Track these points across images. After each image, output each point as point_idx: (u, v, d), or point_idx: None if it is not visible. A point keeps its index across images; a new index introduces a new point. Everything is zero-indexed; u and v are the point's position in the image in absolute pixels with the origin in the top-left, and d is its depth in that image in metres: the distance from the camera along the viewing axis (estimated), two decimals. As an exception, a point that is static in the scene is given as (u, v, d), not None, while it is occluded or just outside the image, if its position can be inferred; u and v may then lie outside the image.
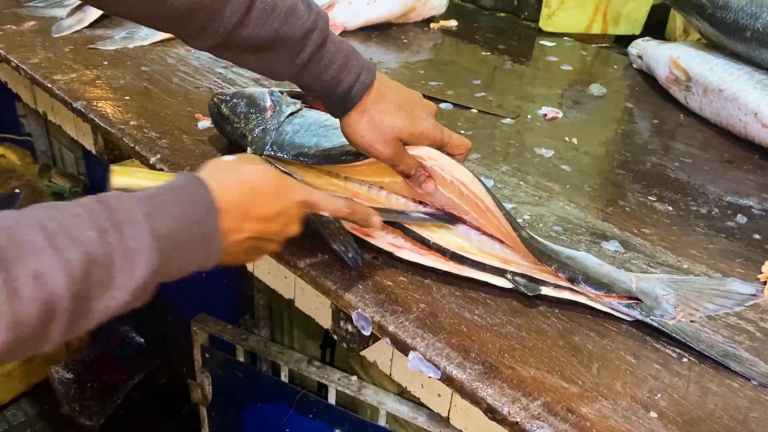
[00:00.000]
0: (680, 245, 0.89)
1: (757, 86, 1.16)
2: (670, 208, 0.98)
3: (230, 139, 1.01)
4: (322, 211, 0.71)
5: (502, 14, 1.94)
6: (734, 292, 0.78)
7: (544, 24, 1.77)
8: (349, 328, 0.80)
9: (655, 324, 0.72)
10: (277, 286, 1.18)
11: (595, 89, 1.40)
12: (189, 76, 1.31)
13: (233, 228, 0.62)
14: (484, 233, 0.81)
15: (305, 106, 0.98)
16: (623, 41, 1.75)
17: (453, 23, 1.80)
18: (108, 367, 2.07)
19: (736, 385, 0.67)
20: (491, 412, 0.63)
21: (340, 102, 0.79)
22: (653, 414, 0.62)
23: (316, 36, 0.76)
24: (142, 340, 2.12)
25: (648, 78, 1.48)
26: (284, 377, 1.22)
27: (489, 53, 1.62)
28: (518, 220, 0.91)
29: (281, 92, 1.02)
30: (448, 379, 0.66)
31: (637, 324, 0.73)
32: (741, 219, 0.97)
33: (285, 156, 0.88)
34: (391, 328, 0.71)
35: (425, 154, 0.79)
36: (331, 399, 1.16)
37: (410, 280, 0.78)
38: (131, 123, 1.09)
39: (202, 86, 1.27)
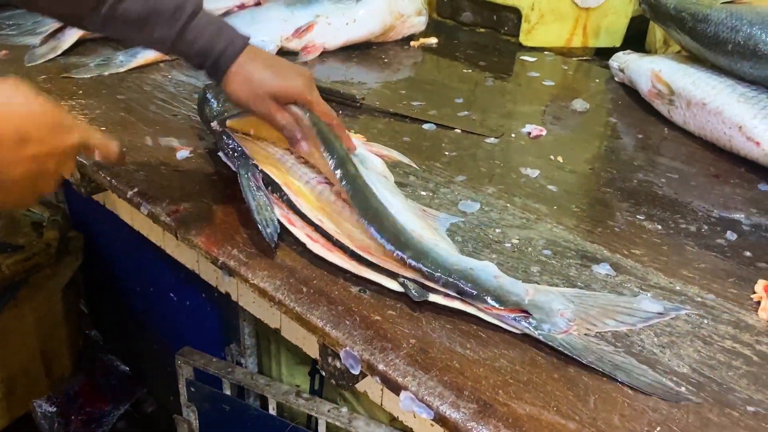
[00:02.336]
0: (671, 266, 0.88)
1: (740, 99, 1.15)
2: (660, 227, 0.97)
3: (208, 121, 1.06)
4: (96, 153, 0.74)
5: (482, 30, 1.93)
6: (640, 310, 0.77)
7: (524, 39, 1.76)
8: (338, 364, 0.78)
9: (540, 337, 0.71)
10: (263, 315, 1.16)
11: (578, 105, 1.39)
12: (166, 103, 1.28)
13: (7, 160, 0.62)
14: None
15: None
16: (604, 53, 1.75)
17: (433, 41, 1.79)
18: (92, 397, 2.02)
19: (736, 414, 0.65)
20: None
21: (216, 64, 0.89)
22: (654, 450, 0.60)
23: (188, 8, 0.87)
24: (127, 368, 2.07)
25: (630, 91, 1.48)
26: (272, 410, 1.19)
27: (470, 70, 1.61)
28: (506, 244, 0.90)
29: None
30: (441, 420, 0.64)
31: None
32: (731, 236, 0.96)
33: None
34: (381, 367, 0.68)
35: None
36: (321, 431, 1.13)
37: (399, 313, 0.75)
38: (107, 155, 1.06)
39: (180, 114, 1.24)
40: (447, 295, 0.75)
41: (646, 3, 1.41)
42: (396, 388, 0.67)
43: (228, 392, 1.26)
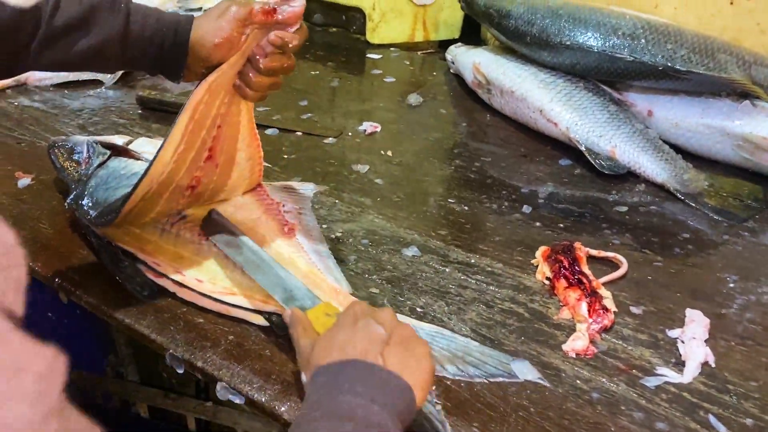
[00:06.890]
0: (471, 242, 1.00)
1: (540, 85, 1.30)
2: (466, 208, 1.10)
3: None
4: None
5: (334, 30, 2.03)
6: (490, 366, 0.76)
7: (371, 37, 1.87)
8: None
9: None
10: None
11: (413, 99, 1.51)
12: (9, 130, 1.31)
13: None
14: None
15: (113, 155, 1.02)
16: (447, 45, 1.87)
17: (285, 44, 1.86)
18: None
19: (500, 364, 0.78)
20: (288, 426, 0.71)
21: (178, 30, 0.84)
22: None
23: None
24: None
25: (462, 82, 1.61)
26: (144, 414, 1.25)
27: (317, 72, 1.71)
28: (331, 236, 1.00)
29: (96, 143, 1.06)
30: (250, 402, 0.74)
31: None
32: (526, 209, 1.10)
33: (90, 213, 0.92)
34: (199, 364, 0.77)
35: None
36: (191, 426, 1.21)
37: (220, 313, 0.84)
38: (-57, 190, 1.08)
39: (24, 140, 1.27)
40: None
41: (464, 1, 1.55)
42: (213, 381, 0.76)
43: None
